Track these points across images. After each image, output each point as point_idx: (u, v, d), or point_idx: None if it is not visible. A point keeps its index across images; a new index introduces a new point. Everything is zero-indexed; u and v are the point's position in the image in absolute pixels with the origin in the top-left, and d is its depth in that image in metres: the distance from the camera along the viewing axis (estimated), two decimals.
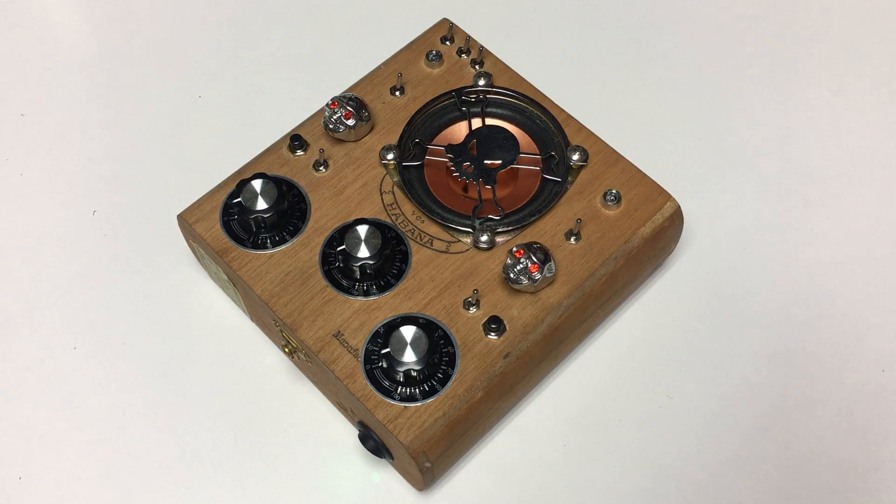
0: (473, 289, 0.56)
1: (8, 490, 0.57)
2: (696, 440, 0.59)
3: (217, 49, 0.75)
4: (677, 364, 0.61)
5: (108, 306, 0.63)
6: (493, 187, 0.59)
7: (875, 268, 0.65)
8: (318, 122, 0.62)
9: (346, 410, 0.57)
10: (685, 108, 0.73)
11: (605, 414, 0.60)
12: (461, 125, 0.62)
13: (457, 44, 0.65)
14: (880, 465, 0.58)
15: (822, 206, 0.68)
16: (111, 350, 0.62)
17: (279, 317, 0.55)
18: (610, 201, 0.58)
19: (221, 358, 0.61)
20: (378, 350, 0.53)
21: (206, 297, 0.64)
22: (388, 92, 0.63)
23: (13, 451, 0.58)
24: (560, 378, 0.61)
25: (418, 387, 0.52)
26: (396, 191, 0.59)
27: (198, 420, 0.59)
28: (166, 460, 0.58)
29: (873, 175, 0.70)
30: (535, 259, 0.54)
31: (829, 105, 0.73)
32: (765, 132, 0.72)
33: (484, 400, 0.53)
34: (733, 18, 0.78)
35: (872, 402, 0.60)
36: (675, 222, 0.60)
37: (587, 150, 0.60)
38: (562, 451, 0.58)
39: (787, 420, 0.60)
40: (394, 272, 0.56)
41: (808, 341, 0.62)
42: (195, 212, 0.59)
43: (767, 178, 0.69)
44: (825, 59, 0.76)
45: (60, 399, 0.60)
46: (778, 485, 0.57)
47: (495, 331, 0.54)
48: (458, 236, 0.58)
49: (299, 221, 0.58)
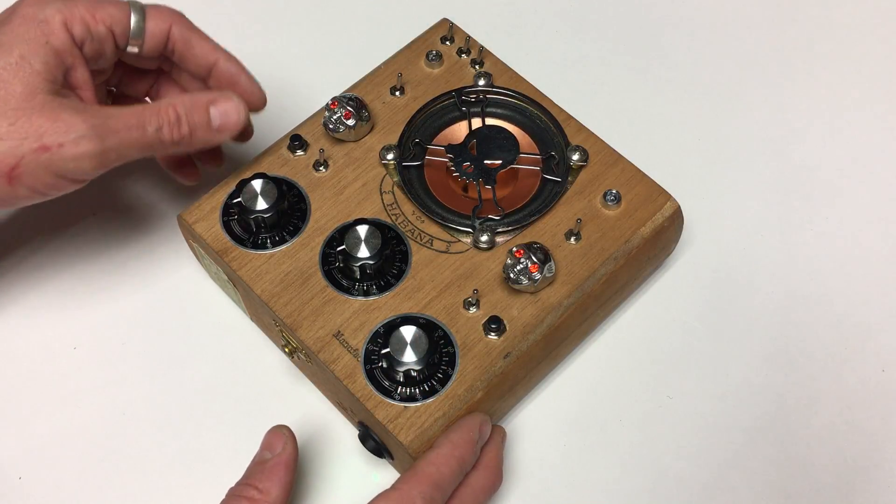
0: (473, 289, 0.56)
1: (8, 490, 0.57)
2: (696, 440, 0.59)
3: None
4: (677, 364, 0.61)
5: (107, 306, 0.63)
6: (493, 187, 0.59)
7: (875, 268, 0.65)
8: (318, 122, 0.62)
9: (346, 410, 0.57)
10: (685, 108, 0.73)
11: (605, 414, 0.60)
12: (461, 125, 0.62)
13: (457, 44, 0.65)
14: (880, 465, 0.58)
15: (822, 206, 0.68)
16: (111, 350, 0.62)
17: (279, 317, 0.55)
18: (610, 201, 0.58)
19: (221, 358, 0.61)
20: (378, 350, 0.53)
21: (206, 297, 0.64)
22: (388, 92, 0.63)
23: (13, 451, 0.58)
24: (560, 378, 0.61)
25: (418, 387, 0.52)
26: (396, 191, 0.59)
27: (198, 420, 0.59)
28: (166, 460, 0.58)
29: (873, 175, 0.70)
30: (535, 259, 0.54)
31: (829, 105, 0.73)
32: (765, 132, 0.72)
33: (484, 400, 0.53)
34: (733, 18, 0.78)
35: (872, 402, 0.60)
36: (675, 222, 0.60)
37: (587, 150, 0.60)
38: (562, 451, 0.58)
39: (786, 420, 0.60)
40: (394, 272, 0.56)
41: (808, 341, 0.62)
42: (195, 212, 0.59)
43: (767, 178, 0.69)
44: (825, 59, 0.76)
45: (60, 399, 0.60)
46: (778, 485, 0.57)
47: (495, 331, 0.54)
48: (458, 236, 0.58)
49: (299, 221, 0.58)
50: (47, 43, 0.51)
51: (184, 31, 0.56)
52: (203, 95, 0.55)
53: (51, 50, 0.51)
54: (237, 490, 0.51)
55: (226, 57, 0.57)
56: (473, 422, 0.52)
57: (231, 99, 0.55)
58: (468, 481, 0.51)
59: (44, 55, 0.50)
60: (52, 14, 0.51)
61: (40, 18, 0.51)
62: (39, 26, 0.51)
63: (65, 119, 0.49)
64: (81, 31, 0.52)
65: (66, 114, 0.50)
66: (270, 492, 0.50)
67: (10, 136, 0.49)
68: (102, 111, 0.51)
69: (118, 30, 0.54)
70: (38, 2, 0.52)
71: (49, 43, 0.51)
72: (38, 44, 0.50)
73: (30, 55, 0.50)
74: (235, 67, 0.57)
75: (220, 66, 0.57)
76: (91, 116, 0.50)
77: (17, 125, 0.49)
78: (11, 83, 0.49)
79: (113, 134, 0.51)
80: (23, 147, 0.49)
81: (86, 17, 0.52)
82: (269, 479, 0.51)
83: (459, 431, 0.51)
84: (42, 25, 0.51)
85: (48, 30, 0.51)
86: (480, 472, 0.52)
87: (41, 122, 0.49)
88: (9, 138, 0.49)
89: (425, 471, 0.49)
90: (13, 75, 0.50)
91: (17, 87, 0.49)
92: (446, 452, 0.49)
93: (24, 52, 0.50)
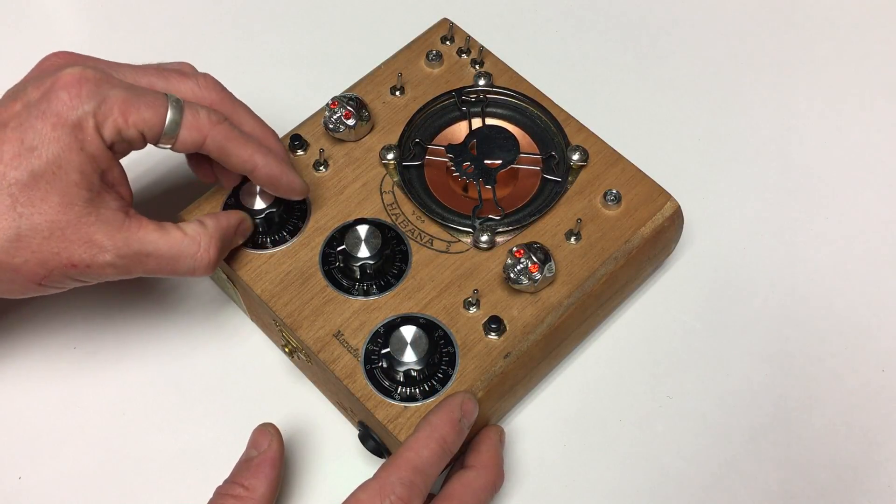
0: (473, 289, 0.56)
1: (8, 490, 0.57)
2: (696, 440, 0.59)
3: (217, 49, 0.75)
4: (677, 364, 0.61)
5: (107, 306, 0.63)
6: (493, 187, 0.59)
7: (875, 268, 0.65)
8: (318, 122, 0.62)
9: (346, 410, 0.57)
10: (685, 108, 0.73)
11: (605, 414, 0.60)
12: (461, 125, 0.62)
13: (457, 44, 0.65)
14: (880, 465, 0.58)
15: (821, 206, 0.68)
16: (111, 350, 0.62)
17: (279, 317, 0.55)
18: (610, 201, 0.58)
19: (222, 358, 0.61)
20: (378, 350, 0.53)
21: (206, 297, 0.64)
22: (388, 92, 0.63)
23: (13, 451, 0.58)
24: (560, 378, 0.61)
25: (418, 387, 0.52)
26: (396, 191, 0.59)
27: (198, 420, 0.59)
28: (166, 460, 0.58)
29: (873, 175, 0.70)
30: (535, 259, 0.54)
31: (829, 105, 0.73)
32: (765, 132, 0.72)
33: (484, 400, 0.53)
34: (733, 18, 0.78)
35: (872, 402, 0.60)
36: (675, 222, 0.60)
37: (587, 150, 0.60)
38: (562, 451, 0.58)
39: (786, 420, 0.60)
40: (394, 272, 0.56)
41: (808, 341, 0.62)
42: (195, 211, 0.59)
43: (767, 178, 0.69)
44: (825, 59, 0.76)
45: (60, 399, 0.60)
46: (778, 485, 0.57)
47: (495, 331, 0.54)
48: (458, 236, 0.58)
49: (299, 221, 0.58)
50: (82, 149, 0.48)
51: (219, 140, 0.51)
52: (234, 229, 0.55)
53: (86, 157, 0.48)
54: (224, 489, 0.51)
55: (264, 161, 0.53)
56: (454, 401, 0.51)
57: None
58: (469, 481, 0.51)
59: (79, 163, 0.48)
60: (86, 118, 0.48)
61: (73, 121, 0.47)
62: (73, 131, 0.47)
63: (97, 242, 0.48)
64: (112, 135, 0.49)
65: (98, 236, 0.48)
66: (257, 489, 0.50)
67: (43, 249, 0.48)
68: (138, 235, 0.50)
69: (150, 134, 0.50)
70: (73, 97, 0.48)
71: (84, 149, 0.48)
72: (72, 150, 0.47)
73: (66, 164, 0.47)
74: (276, 169, 0.54)
75: (259, 171, 0.53)
76: (123, 244, 0.49)
77: (51, 239, 0.48)
78: (49, 194, 0.47)
79: (140, 264, 0.50)
80: (54, 261, 0.48)
81: (118, 121, 0.48)
82: (256, 476, 0.51)
83: (439, 412, 0.50)
84: (76, 131, 0.47)
85: (83, 136, 0.48)
86: (481, 471, 0.52)
87: (74, 239, 0.48)
88: (41, 251, 0.48)
89: (404, 455, 0.48)
90: (51, 185, 0.47)
91: (54, 198, 0.47)
92: (426, 435, 0.49)
93: (60, 161, 0.47)
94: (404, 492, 0.47)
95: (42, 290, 0.50)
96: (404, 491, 0.47)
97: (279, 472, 0.52)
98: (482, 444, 0.53)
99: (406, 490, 0.47)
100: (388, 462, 0.48)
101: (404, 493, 0.47)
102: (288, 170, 0.55)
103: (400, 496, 0.47)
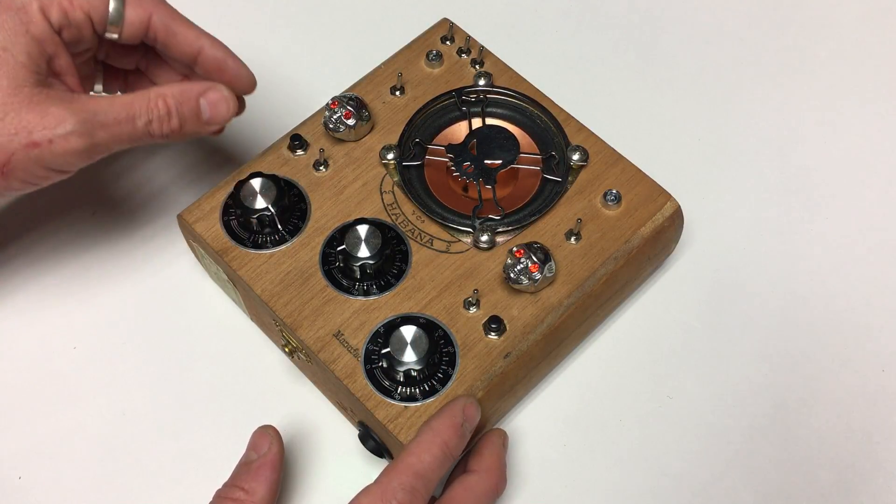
0: (473, 289, 0.56)
1: (8, 490, 0.57)
2: (696, 440, 0.59)
3: None
4: (677, 364, 0.61)
5: (107, 306, 0.63)
6: (493, 187, 0.59)
7: (875, 268, 0.65)
8: (318, 122, 0.62)
9: (346, 410, 0.57)
10: (685, 108, 0.73)
11: (605, 414, 0.60)
12: (461, 125, 0.62)
13: (457, 44, 0.65)
14: (880, 465, 0.58)
15: (821, 206, 0.68)
16: (111, 350, 0.62)
17: (279, 317, 0.55)
18: (610, 201, 0.58)
19: (221, 358, 0.61)
20: (378, 350, 0.53)
21: (206, 297, 0.64)
22: (389, 92, 0.63)
23: (13, 451, 0.58)
24: (560, 378, 0.61)
25: (418, 387, 0.52)
26: (396, 190, 0.59)
27: (197, 420, 0.59)
28: (166, 460, 0.58)
29: (873, 175, 0.70)
30: (535, 259, 0.54)
31: (828, 105, 0.73)
32: (765, 132, 0.72)
33: (484, 400, 0.53)
34: (733, 18, 0.78)
35: (872, 402, 0.60)
36: (675, 222, 0.60)
37: (587, 150, 0.60)
38: (562, 451, 0.58)
39: (786, 420, 0.60)
40: (394, 272, 0.56)
41: (808, 341, 0.62)
42: (195, 211, 0.59)
43: (767, 178, 0.69)
44: (825, 60, 0.76)
45: (60, 399, 0.60)
46: (778, 485, 0.57)
47: (495, 331, 0.54)
48: (459, 236, 0.58)
49: (299, 221, 0.58)
50: (27, 32, 0.49)
51: (165, 18, 0.53)
52: (193, 87, 0.54)
53: (32, 39, 0.49)
54: (224, 492, 0.51)
55: (210, 42, 0.55)
56: (456, 406, 0.51)
57: (221, 91, 0.54)
58: (471, 485, 0.51)
59: (25, 45, 0.49)
60: (30, 1, 0.49)
61: (17, 6, 0.49)
62: (18, 14, 0.49)
63: (53, 113, 0.48)
64: (59, 18, 0.50)
65: (54, 107, 0.49)
66: (256, 492, 0.50)
67: (0, 132, 0.48)
68: (91, 103, 0.50)
69: (96, 16, 0.52)
70: None
71: (29, 32, 0.49)
72: (18, 33, 0.49)
73: (11, 46, 0.49)
74: (221, 52, 0.55)
75: (206, 52, 0.54)
76: (79, 110, 0.49)
77: (5, 121, 0.48)
78: None
79: (102, 128, 0.50)
80: (13, 143, 0.48)
81: (63, 2, 0.50)
82: (255, 479, 0.51)
83: (441, 417, 0.50)
84: (20, 13, 0.49)
85: (27, 18, 0.49)
86: (483, 475, 0.51)
87: (30, 117, 0.48)
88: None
89: (406, 461, 0.48)
90: None
91: (2, 82, 0.48)
92: (427, 440, 0.49)
93: (6, 44, 0.48)
94: (406, 497, 0.47)
95: (8, 182, 0.50)
96: (406, 496, 0.47)
97: (279, 474, 0.52)
98: (485, 447, 0.53)
99: (408, 495, 0.47)
100: (390, 467, 0.48)
101: (406, 497, 0.47)
102: (235, 55, 0.55)
103: (402, 501, 0.47)
